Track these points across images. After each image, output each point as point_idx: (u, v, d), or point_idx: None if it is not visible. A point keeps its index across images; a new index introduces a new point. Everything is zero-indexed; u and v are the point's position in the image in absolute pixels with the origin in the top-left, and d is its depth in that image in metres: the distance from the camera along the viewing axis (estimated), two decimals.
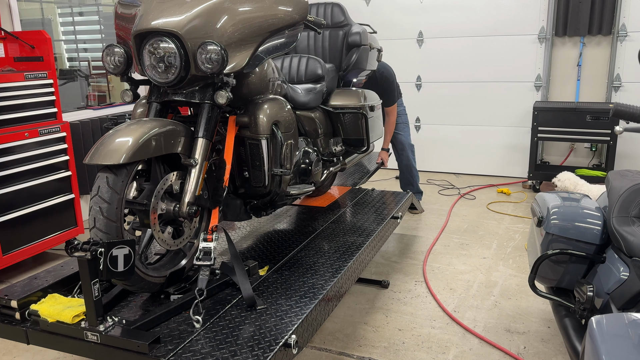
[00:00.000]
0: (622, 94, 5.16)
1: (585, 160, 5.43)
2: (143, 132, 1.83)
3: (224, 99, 1.99)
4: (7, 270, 3.53)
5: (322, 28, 2.42)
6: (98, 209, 1.76)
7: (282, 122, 2.36)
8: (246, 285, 2.03)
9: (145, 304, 2.06)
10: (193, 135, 2.03)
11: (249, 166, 2.29)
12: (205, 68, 1.94)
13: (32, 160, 3.44)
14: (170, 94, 2.08)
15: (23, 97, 3.39)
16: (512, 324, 2.79)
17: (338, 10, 3.34)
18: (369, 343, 2.63)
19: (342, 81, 3.33)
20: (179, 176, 2.01)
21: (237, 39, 2.02)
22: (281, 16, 2.10)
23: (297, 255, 2.52)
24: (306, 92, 2.81)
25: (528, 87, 5.46)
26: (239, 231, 2.93)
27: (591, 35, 5.15)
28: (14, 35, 3.61)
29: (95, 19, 5.04)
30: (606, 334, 1.23)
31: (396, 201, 3.41)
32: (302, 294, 2.12)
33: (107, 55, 2.10)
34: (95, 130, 4.42)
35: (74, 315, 1.81)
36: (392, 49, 5.93)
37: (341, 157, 3.16)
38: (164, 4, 2.00)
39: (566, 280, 2.15)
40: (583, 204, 2.20)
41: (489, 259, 3.61)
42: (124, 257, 1.76)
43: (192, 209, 1.96)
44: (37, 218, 3.49)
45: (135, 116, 2.29)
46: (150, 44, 1.96)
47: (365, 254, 2.65)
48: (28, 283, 2.15)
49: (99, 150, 1.77)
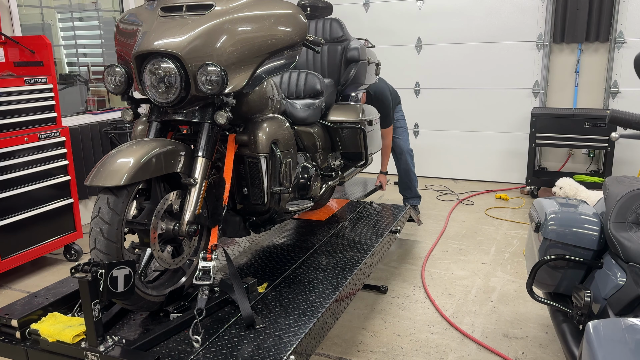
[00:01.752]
0: (619, 101, 5.19)
1: (583, 166, 5.45)
2: (144, 153, 1.84)
3: (224, 119, 2.01)
4: (6, 275, 3.52)
5: (321, 46, 2.44)
6: (99, 230, 1.78)
7: (281, 140, 2.37)
8: (245, 304, 2.04)
9: (144, 322, 2.06)
10: (193, 154, 2.05)
11: (248, 184, 2.31)
12: (205, 89, 1.96)
13: (31, 164, 3.45)
14: (170, 114, 2.10)
15: (23, 102, 3.40)
16: (510, 329, 2.80)
17: (337, 26, 3.36)
18: (367, 348, 2.64)
19: (340, 96, 3.36)
20: (178, 195, 2.03)
21: (236, 60, 2.04)
22: (281, 36, 2.12)
23: (296, 272, 2.53)
24: (305, 108, 2.83)
25: (526, 93, 5.49)
26: (237, 245, 2.93)
27: (589, 42, 5.18)
28: (14, 40, 3.62)
29: (95, 24, 5.06)
30: (603, 339, 1.24)
31: (394, 215, 3.42)
32: (300, 312, 2.12)
33: (108, 74, 2.12)
34: (95, 135, 4.43)
35: (74, 335, 1.81)
36: (390, 55, 5.96)
37: (340, 171, 3.18)
38: (165, 25, 2.02)
39: (564, 286, 2.15)
40: (580, 210, 2.21)
41: (487, 265, 3.62)
42: (124, 278, 1.77)
43: (192, 228, 1.98)
44: (36, 222, 3.49)
45: (136, 133, 2.30)
46: (151, 64, 1.98)
47: (364, 270, 2.66)
48: (28, 301, 2.15)
49: (100, 172, 1.79)
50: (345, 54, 3.33)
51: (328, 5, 2.27)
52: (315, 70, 3.34)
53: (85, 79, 4.84)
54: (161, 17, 2.07)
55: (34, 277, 3.56)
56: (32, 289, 3.37)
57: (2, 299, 3.25)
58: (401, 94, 4.66)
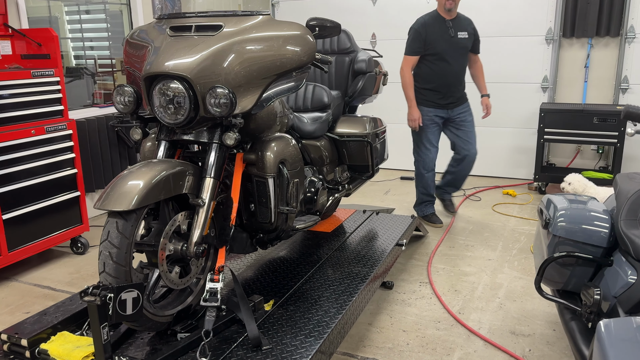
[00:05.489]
0: (629, 96, 5.13)
1: (591, 162, 5.40)
2: (153, 176, 1.85)
3: (232, 141, 2.01)
4: (13, 267, 3.54)
5: (329, 65, 2.42)
6: (108, 254, 1.79)
7: (289, 160, 2.37)
8: (252, 325, 2.03)
9: (152, 341, 2.07)
10: (201, 174, 2.05)
11: (256, 202, 2.31)
12: (214, 111, 1.96)
13: (38, 157, 3.45)
14: (179, 134, 2.11)
15: (30, 95, 3.40)
16: (517, 326, 2.78)
17: (344, 37, 3.33)
18: (373, 344, 2.63)
19: (347, 107, 3.34)
20: (186, 216, 2.03)
21: (245, 82, 2.03)
22: (289, 57, 2.10)
23: (302, 288, 2.53)
24: (312, 122, 2.83)
25: (535, 88, 5.44)
26: (244, 259, 2.93)
27: (599, 36, 5.12)
28: (21, 33, 3.62)
29: (102, 17, 5.05)
30: (614, 338, 1.22)
31: (400, 226, 3.41)
32: (307, 332, 2.12)
33: (117, 94, 2.13)
34: (101, 128, 4.43)
35: (83, 357, 1.83)
36: (398, 50, 5.89)
37: (346, 183, 3.18)
38: (174, 46, 2.01)
39: (573, 283, 2.13)
40: (590, 207, 2.18)
41: (494, 261, 3.60)
42: (132, 301, 1.78)
43: (200, 249, 1.98)
44: (43, 215, 3.50)
45: (145, 150, 2.31)
46: (160, 85, 1.98)
47: (370, 286, 2.65)
48: (38, 320, 2.16)
49: (110, 196, 1.79)
50: (353, 65, 3.31)
51: (336, 25, 2.25)
52: (322, 81, 3.33)
53: (92, 72, 4.84)
54: (170, 36, 2.07)
55: (40, 270, 3.57)
56: (38, 282, 3.39)
57: (10, 291, 3.27)
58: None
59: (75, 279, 3.42)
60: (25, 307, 3.07)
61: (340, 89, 3.29)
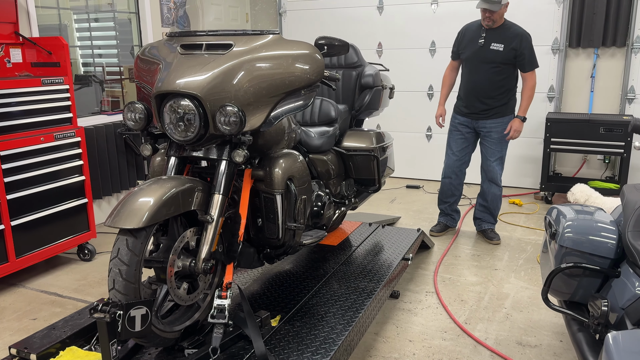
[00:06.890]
0: (636, 106, 5.13)
1: (598, 172, 5.39)
2: (162, 193, 1.86)
3: (241, 158, 2.02)
4: (20, 273, 3.56)
5: (337, 82, 2.44)
6: (117, 272, 1.80)
7: (297, 176, 2.38)
8: (259, 342, 2.04)
9: (159, 357, 2.08)
10: (209, 190, 2.06)
11: (263, 218, 2.32)
12: (223, 129, 1.98)
13: (47, 164, 3.48)
14: (188, 150, 2.13)
15: (39, 102, 3.43)
16: (524, 337, 2.77)
17: (352, 51, 3.34)
18: (379, 354, 2.62)
19: (354, 121, 3.36)
20: (195, 232, 2.04)
21: (254, 100, 2.05)
22: (298, 75, 2.12)
23: (309, 303, 2.53)
24: (319, 136, 2.84)
25: (541, 98, 5.44)
26: (250, 273, 2.94)
27: (605, 46, 5.12)
28: (32, 41, 3.66)
29: (111, 25, 5.10)
30: (623, 350, 1.22)
31: (407, 240, 3.41)
32: (313, 349, 2.12)
33: (128, 111, 2.15)
34: (109, 135, 4.46)
35: None
36: (404, 59, 5.94)
37: (352, 197, 3.19)
38: (185, 64, 2.04)
39: (580, 294, 2.13)
40: (598, 218, 2.18)
41: (500, 271, 3.59)
42: (141, 317, 1.80)
43: (208, 265, 1.99)
44: (51, 222, 3.52)
45: (154, 165, 2.33)
46: (170, 103, 2.00)
47: (377, 301, 2.66)
48: (47, 334, 2.17)
49: (120, 213, 1.81)
50: (360, 79, 3.33)
51: (344, 43, 2.27)
52: (329, 95, 3.35)
53: (100, 80, 4.88)
54: (181, 54, 2.09)
55: (47, 276, 3.59)
56: (45, 288, 3.40)
57: (17, 298, 3.28)
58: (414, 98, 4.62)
59: (82, 286, 3.43)
60: (32, 313, 3.09)
61: (347, 103, 3.31)
